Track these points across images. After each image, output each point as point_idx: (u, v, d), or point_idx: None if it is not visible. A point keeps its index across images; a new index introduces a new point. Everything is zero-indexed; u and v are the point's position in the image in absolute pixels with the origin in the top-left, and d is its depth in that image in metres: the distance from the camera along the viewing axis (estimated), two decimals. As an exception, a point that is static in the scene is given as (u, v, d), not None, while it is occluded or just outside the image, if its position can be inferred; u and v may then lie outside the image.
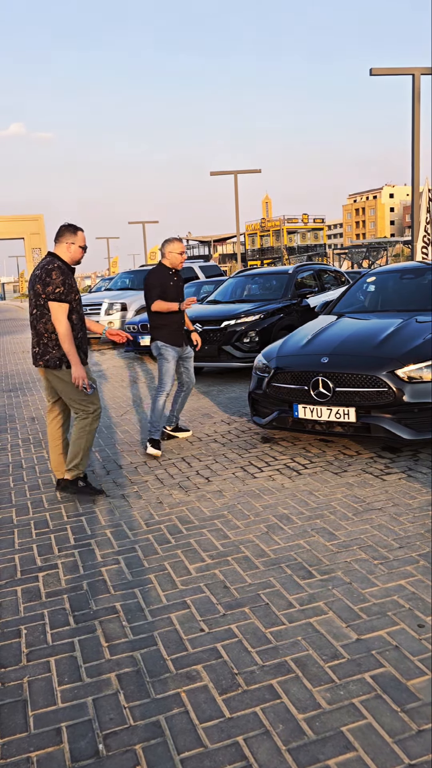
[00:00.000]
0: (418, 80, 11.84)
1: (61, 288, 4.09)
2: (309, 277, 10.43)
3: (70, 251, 4.24)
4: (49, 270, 4.09)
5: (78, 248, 4.26)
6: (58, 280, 4.08)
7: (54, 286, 4.08)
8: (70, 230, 4.24)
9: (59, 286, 4.08)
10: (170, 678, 2.34)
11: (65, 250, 4.24)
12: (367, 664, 2.32)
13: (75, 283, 4.25)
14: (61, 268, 4.13)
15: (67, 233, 4.23)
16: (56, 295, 4.08)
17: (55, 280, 4.07)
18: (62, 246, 4.24)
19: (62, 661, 2.50)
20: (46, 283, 4.08)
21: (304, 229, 58.32)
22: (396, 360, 4.62)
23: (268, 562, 3.19)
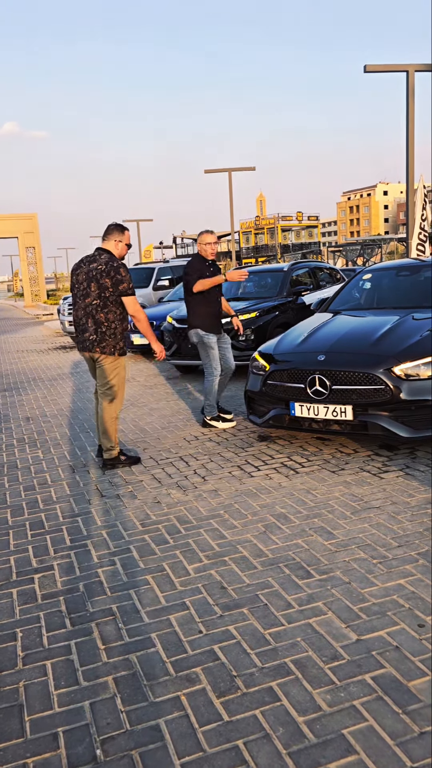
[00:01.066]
0: (412, 77, 11.81)
1: (131, 284, 4.69)
2: (304, 275, 10.40)
3: (117, 248, 4.77)
4: (117, 267, 4.63)
5: (125, 246, 4.81)
6: (127, 276, 4.64)
7: (126, 282, 4.65)
8: (119, 230, 4.80)
9: (130, 282, 4.66)
10: (169, 681, 2.30)
11: (113, 246, 4.77)
12: (368, 665, 2.30)
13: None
14: (124, 265, 4.70)
15: (116, 232, 4.79)
16: (131, 290, 4.69)
17: (125, 276, 4.63)
18: (111, 243, 4.77)
19: (58, 664, 2.46)
20: (118, 281, 4.62)
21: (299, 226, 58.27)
22: (393, 357, 4.59)
23: (266, 562, 3.16)
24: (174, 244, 57.36)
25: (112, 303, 4.68)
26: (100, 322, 4.71)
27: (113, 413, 4.86)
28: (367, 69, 11.88)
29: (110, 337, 4.73)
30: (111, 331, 4.72)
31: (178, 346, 8.91)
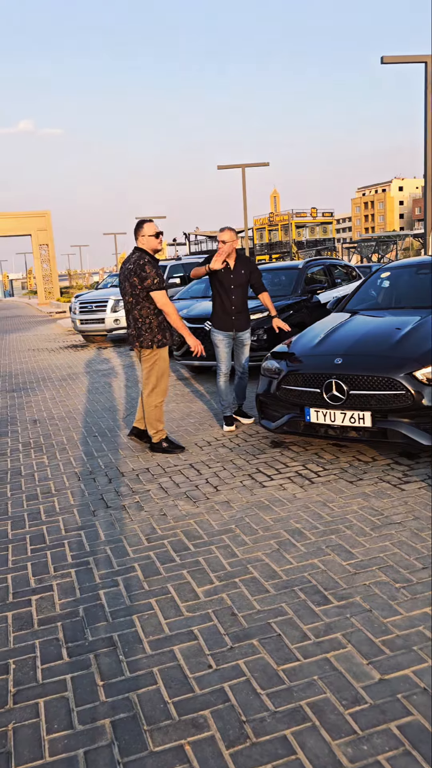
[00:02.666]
0: (430, 68, 11.47)
1: (158, 279, 4.84)
2: (319, 273, 10.13)
3: (146, 242, 4.97)
4: (142, 265, 4.85)
5: (151, 238, 4.97)
6: (152, 272, 4.84)
7: (151, 278, 4.83)
8: (138, 226, 5.00)
9: (155, 278, 4.83)
10: (171, 726, 2.08)
11: (144, 243, 4.98)
12: (393, 711, 2.06)
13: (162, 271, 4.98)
14: (151, 261, 4.89)
15: (140, 229, 4.98)
16: (156, 285, 4.84)
17: (150, 273, 4.83)
18: (140, 240, 4.99)
19: (52, 703, 2.25)
20: (143, 278, 4.84)
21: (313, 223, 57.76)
22: (414, 361, 4.33)
23: (279, 585, 2.93)
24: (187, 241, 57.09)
25: (143, 299, 4.94)
26: (136, 319, 5.01)
27: (153, 402, 5.11)
28: (384, 60, 11.55)
29: (147, 332, 4.99)
30: (147, 326, 4.98)
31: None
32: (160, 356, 5.08)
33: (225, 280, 5.75)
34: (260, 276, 5.92)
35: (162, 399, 5.16)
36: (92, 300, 14.80)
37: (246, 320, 5.88)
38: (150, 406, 5.14)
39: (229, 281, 5.75)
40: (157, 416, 5.18)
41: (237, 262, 5.77)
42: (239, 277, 5.76)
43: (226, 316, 5.78)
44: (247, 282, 5.85)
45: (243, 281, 5.80)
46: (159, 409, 5.17)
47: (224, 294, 5.77)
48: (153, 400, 5.12)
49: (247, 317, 5.90)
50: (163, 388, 5.14)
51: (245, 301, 5.88)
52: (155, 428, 5.22)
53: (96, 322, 14.54)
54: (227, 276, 5.75)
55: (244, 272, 5.79)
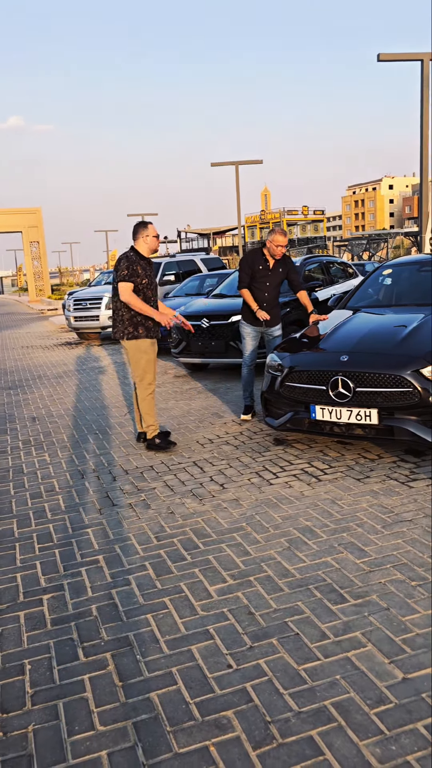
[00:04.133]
0: (427, 66, 11.48)
1: (126, 272, 5.03)
2: (316, 270, 10.11)
3: (147, 243, 5.15)
4: (120, 259, 5.13)
5: (153, 239, 5.16)
6: (123, 266, 5.06)
7: (120, 270, 5.06)
8: (142, 226, 5.17)
9: (124, 270, 5.04)
10: (195, 727, 2.06)
11: (142, 243, 5.15)
12: (419, 710, 2.05)
13: (146, 269, 5.11)
14: (128, 257, 5.09)
15: (141, 229, 5.16)
16: (121, 277, 5.03)
17: (121, 266, 5.07)
18: (139, 241, 5.16)
19: (71, 704, 2.22)
20: (116, 269, 5.10)
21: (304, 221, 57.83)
22: (421, 358, 4.32)
23: (294, 584, 2.91)
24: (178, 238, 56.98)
25: (116, 290, 5.14)
26: (113, 310, 5.24)
27: (142, 393, 5.21)
28: (380, 58, 11.54)
29: (119, 323, 5.16)
30: (119, 318, 5.16)
31: (186, 343, 8.65)
32: (139, 349, 5.11)
33: (262, 277, 5.88)
34: (298, 274, 6.01)
35: (151, 391, 5.21)
36: (87, 297, 14.72)
37: (277, 316, 6.02)
38: (141, 398, 5.23)
39: (266, 278, 5.89)
40: (147, 408, 5.24)
41: (277, 261, 5.91)
42: (276, 276, 5.92)
43: (252, 311, 5.91)
44: (281, 281, 5.96)
45: (278, 280, 5.94)
46: (150, 401, 5.22)
47: (258, 291, 5.91)
48: (142, 392, 5.21)
49: (277, 314, 6.04)
50: (149, 379, 5.20)
51: (277, 298, 6.00)
52: (147, 422, 5.28)
53: (90, 320, 14.46)
54: (265, 274, 5.87)
55: (282, 271, 5.93)
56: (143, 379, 5.16)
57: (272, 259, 5.92)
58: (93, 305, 14.45)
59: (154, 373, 5.23)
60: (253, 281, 5.93)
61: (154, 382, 5.25)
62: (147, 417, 5.27)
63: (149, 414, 5.26)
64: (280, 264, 5.93)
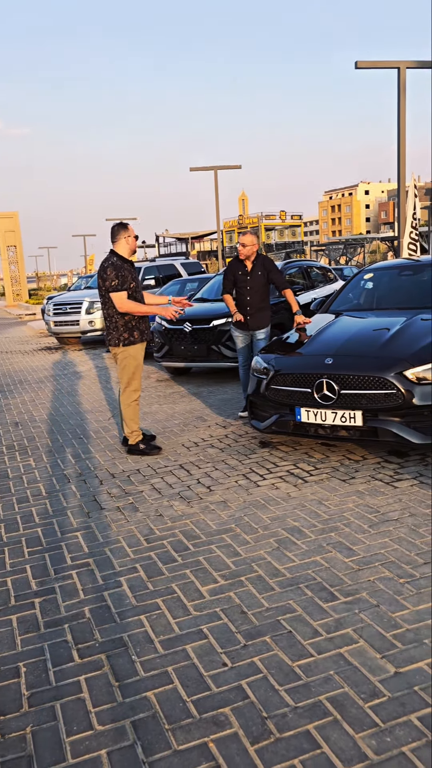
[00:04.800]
0: (403, 74, 11.68)
1: (116, 281, 4.96)
2: (297, 275, 10.21)
3: (128, 244, 5.13)
4: (105, 267, 5.02)
5: (132, 239, 5.14)
6: (111, 275, 4.97)
7: (110, 280, 4.97)
8: (122, 227, 5.12)
9: (114, 280, 4.96)
10: (193, 724, 2.08)
11: (123, 245, 5.11)
12: (412, 703, 2.09)
13: (131, 272, 5.08)
14: (114, 264, 5.02)
15: (121, 231, 5.11)
16: (113, 288, 4.96)
17: (109, 275, 4.97)
18: (120, 243, 5.11)
19: (69, 705, 2.23)
20: (104, 279, 5.01)
21: (282, 225, 58.16)
22: (404, 360, 4.40)
23: (284, 583, 2.95)
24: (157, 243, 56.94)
25: (109, 300, 5.06)
26: (105, 318, 5.17)
27: (127, 400, 5.19)
28: (358, 65, 11.71)
29: (114, 330, 5.11)
30: (113, 325, 5.10)
31: (169, 347, 8.68)
32: (129, 354, 5.12)
33: (242, 282, 6.06)
34: (280, 275, 6.12)
35: (135, 397, 5.21)
36: (66, 302, 14.66)
37: (262, 320, 6.15)
38: (124, 404, 5.20)
39: (246, 283, 6.05)
40: (131, 415, 5.22)
41: (255, 264, 6.03)
42: (256, 279, 6.02)
43: (243, 316, 6.09)
44: (265, 283, 6.06)
45: (259, 283, 6.02)
46: (134, 407, 5.21)
47: (241, 295, 6.11)
48: (126, 398, 5.19)
49: (263, 317, 6.15)
50: (135, 386, 5.19)
51: (262, 302, 6.10)
52: (131, 428, 5.25)
53: (70, 324, 14.41)
54: (244, 278, 6.04)
55: (261, 274, 6.02)
56: (130, 385, 5.16)
57: (250, 264, 6.03)
58: (73, 309, 14.40)
59: (140, 379, 5.25)
60: (236, 287, 6.13)
61: (140, 389, 5.26)
62: (130, 423, 5.25)
63: (132, 420, 5.25)
64: (259, 267, 6.05)
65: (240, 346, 6.28)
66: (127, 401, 5.19)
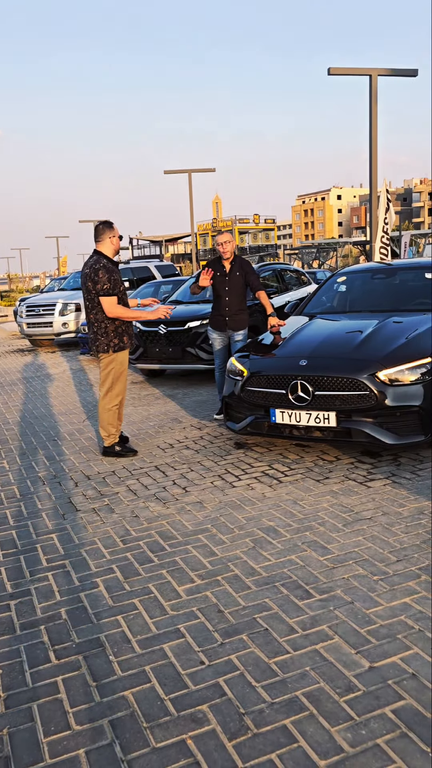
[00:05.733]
0: (375, 81, 11.85)
1: (108, 284, 4.88)
2: (271, 278, 10.29)
3: (113, 244, 5.05)
4: (97, 269, 4.88)
5: (117, 239, 5.07)
6: (104, 278, 4.86)
7: (101, 283, 4.86)
8: (108, 226, 5.05)
9: (106, 283, 4.87)
10: (171, 722, 2.10)
11: (108, 244, 5.03)
12: (386, 696, 2.14)
13: (119, 276, 5.03)
14: (106, 267, 4.92)
15: (107, 230, 5.03)
16: (105, 291, 4.88)
17: (101, 278, 4.86)
18: (105, 242, 5.02)
19: (46, 706, 2.23)
20: (95, 282, 4.88)
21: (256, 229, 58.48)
22: (377, 362, 4.48)
23: (260, 582, 2.98)
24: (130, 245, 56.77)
25: (98, 303, 4.97)
26: (92, 323, 5.05)
27: (108, 405, 5.11)
28: (330, 72, 11.86)
29: (102, 336, 5.01)
30: (102, 330, 5.01)
31: (144, 349, 8.67)
32: (117, 360, 5.08)
33: (221, 283, 6.09)
34: (256, 277, 6.15)
35: (116, 402, 5.15)
36: (40, 304, 14.55)
37: (240, 321, 6.17)
38: (104, 408, 5.12)
39: (225, 284, 6.09)
40: (110, 420, 5.16)
41: (233, 265, 6.07)
42: (234, 280, 6.05)
43: (221, 318, 6.16)
44: (243, 284, 6.10)
45: (238, 284, 6.06)
46: (113, 412, 5.15)
47: (220, 296, 6.13)
48: (107, 403, 5.11)
49: (241, 319, 6.18)
50: (117, 391, 5.14)
51: (240, 303, 6.13)
52: (108, 432, 5.19)
53: (44, 326, 14.30)
54: (222, 279, 6.07)
55: (239, 275, 6.06)
56: (112, 389, 5.10)
57: (228, 264, 6.07)
58: (46, 311, 14.29)
59: (124, 384, 5.19)
60: (215, 289, 6.14)
61: (123, 393, 5.19)
62: (108, 427, 5.19)
63: (111, 424, 5.18)
64: (237, 268, 6.10)
65: (217, 348, 6.29)
66: (107, 406, 5.12)
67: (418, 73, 12.21)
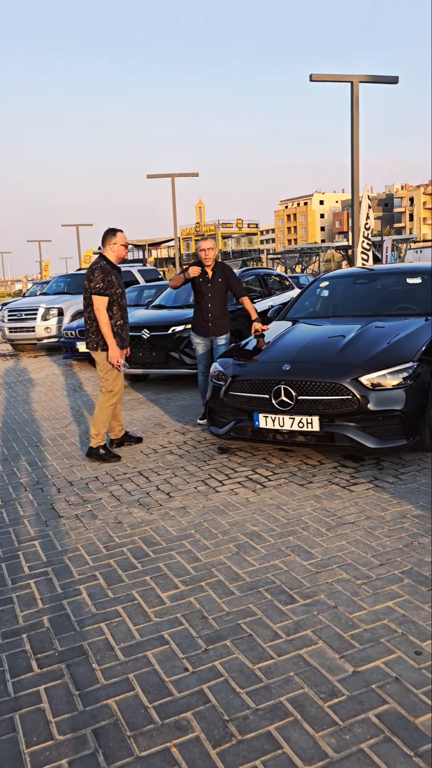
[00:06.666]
0: (357, 87, 11.96)
1: (101, 284, 5.01)
2: (254, 282, 10.31)
3: (114, 251, 5.18)
4: (93, 269, 5.08)
5: (120, 247, 5.18)
6: (98, 277, 5.01)
7: (95, 282, 5.02)
8: (111, 233, 5.18)
9: (99, 282, 5.01)
10: (155, 730, 2.08)
11: (110, 251, 5.18)
12: (369, 701, 2.14)
13: (118, 279, 5.15)
14: (102, 267, 5.07)
15: (108, 236, 5.17)
16: (97, 290, 5.01)
17: (96, 277, 5.02)
18: (107, 248, 5.19)
19: (28, 716, 2.20)
20: (90, 280, 5.05)
21: (239, 234, 58.67)
22: (360, 367, 4.50)
23: (244, 587, 2.98)
24: (113, 249, 56.56)
25: (92, 303, 5.09)
26: (87, 320, 5.18)
27: (105, 403, 5.21)
28: (312, 78, 11.94)
29: (93, 334, 5.16)
30: (94, 328, 5.14)
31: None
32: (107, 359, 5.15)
33: (203, 289, 6.10)
34: (239, 282, 6.17)
35: (114, 401, 5.25)
36: (22, 308, 14.45)
37: (222, 326, 6.19)
38: (102, 405, 5.22)
39: (207, 290, 6.10)
40: (104, 418, 5.23)
41: (215, 271, 6.09)
42: (216, 286, 6.07)
43: (204, 323, 6.17)
44: (225, 290, 6.12)
45: (220, 290, 6.07)
46: (109, 411, 5.24)
47: (202, 302, 6.13)
48: (105, 401, 5.22)
49: (224, 323, 6.19)
50: (117, 390, 5.24)
51: (222, 308, 6.15)
52: (98, 430, 5.24)
53: (26, 331, 14.20)
54: (205, 285, 6.12)
55: (221, 281, 6.07)
56: (111, 390, 5.21)
57: (210, 270, 6.09)
58: (28, 316, 14.19)
59: (122, 384, 5.29)
60: (198, 294, 6.15)
61: (120, 393, 5.30)
62: (100, 426, 5.24)
63: (103, 423, 5.24)
64: (219, 274, 6.11)
65: (200, 353, 6.29)
66: (105, 403, 5.23)
67: (398, 80, 12.35)
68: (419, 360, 4.59)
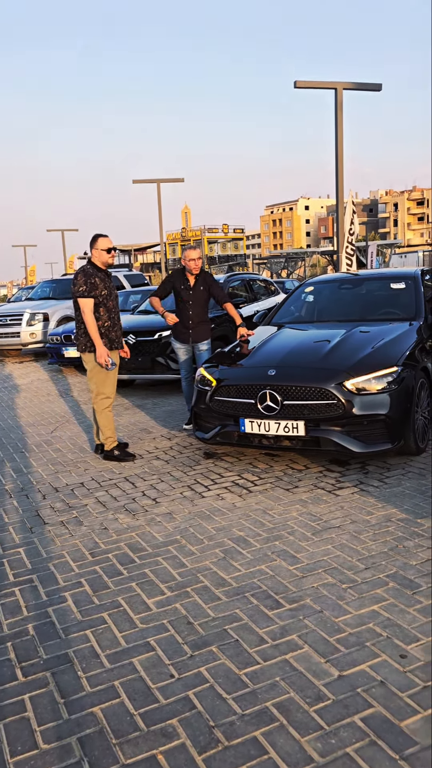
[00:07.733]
0: (340, 94, 12.05)
1: (84, 287, 5.07)
2: (239, 287, 10.34)
3: (96, 256, 5.22)
4: (77, 273, 5.16)
5: (102, 252, 5.20)
6: (81, 280, 5.09)
7: (78, 285, 5.09)
8: (93, 239, 5.24)
9: (82, 285, 5.08)
10: (141, 738, 2.07)
11: (96, 256, 5.23)
12: (355, 705, 2.15)
13: (104, 280, 5.20)
14: (85, 270, 5.15)
15: (92, 243, 5.24)
16: (80, 293, 5.08)
17: (78, 281, 5.10)
18: (93, 253, 5.25)
19: (12, 725, 2.18)
20: (73, 284, 5.15)
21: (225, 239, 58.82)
22: (344, 372, 4.53)
23: (230, 592, 2.98)
24: (99, 254, 56.49)
25: (79, 305, 5.15)
26: (77, 323, 5.25)
27: (100, 407, 5.25)
28: (297, 85, 12.02)
29: (82, 336, 5.20)
30: (82, 331, 5.19)
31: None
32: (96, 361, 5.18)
33: (184, 296, 6.11)
34: (221, 289, 6.17)
35: (107, 405, 5.28)
36: (6, 314, 14.36)
37: (203, 332, 6.20)
38: (98, 411, 5.27)
39: (188, 297, 6.11)
40: (106, 422, 5.30)
41: (197, 280, 6.10)
42: (198, 293, 6.08)
43: (184, 329, 6.16)
44: (206, 298, 6.12)
45: (201, 297, 6.09)
46: (106, 414, 5.28)
47: (183, 309, 6.14)
48: (99, 405, 5.26)
49: (204, 329, 6.20)
50: (107, 392, 5.27)
51: (203, 315, 6.16)
52: (106, 435, 5.34)
53: (11, 336, 14.11)
54: (186, 293, 6.11)
55: (203, 288, 6.09)
56: (99, 393, 5.23)
57: (193, 278, 6.10)
58: (13, 321, 14.10)
59: (112, 386, 5.31)
60: (177, 300, 6.17)
61: (112, 396, 5.32)
62: (105, 430, 5.32)
63: (107, 427, 5.32)
64: (201, 282, 6.12)
65: (182, 359, 6.30)
66: (99, 408, 5.26)
67: (381, 87, 12.47)
68: (403, 364, 4.63)
